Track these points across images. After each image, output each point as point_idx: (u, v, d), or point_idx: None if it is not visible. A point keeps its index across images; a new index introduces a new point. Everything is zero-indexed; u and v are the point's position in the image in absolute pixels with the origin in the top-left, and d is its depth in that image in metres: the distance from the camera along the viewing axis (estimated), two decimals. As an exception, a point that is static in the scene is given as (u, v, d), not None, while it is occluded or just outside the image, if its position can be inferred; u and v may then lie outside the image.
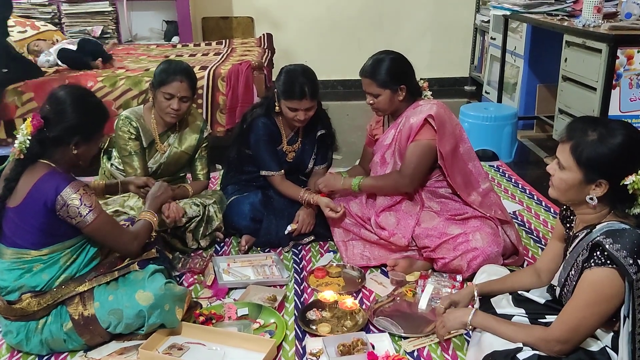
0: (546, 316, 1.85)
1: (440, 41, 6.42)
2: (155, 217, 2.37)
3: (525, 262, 2.72)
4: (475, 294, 2.09)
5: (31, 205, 2.00)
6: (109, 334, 2.11)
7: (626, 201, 1.70)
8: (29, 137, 2.00)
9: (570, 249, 1.82)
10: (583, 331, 1.68)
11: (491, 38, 5.52)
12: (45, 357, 2.12)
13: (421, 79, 2.86)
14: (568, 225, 1.91)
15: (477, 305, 2.08)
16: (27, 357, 2.12)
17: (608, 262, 1.61)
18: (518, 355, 1.69)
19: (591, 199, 1.71)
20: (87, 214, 2.03)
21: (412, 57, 2.83)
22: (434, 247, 2.61)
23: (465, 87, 6.52)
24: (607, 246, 1.61)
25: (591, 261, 1.65)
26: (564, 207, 1.94)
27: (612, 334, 1.71)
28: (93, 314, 2.06)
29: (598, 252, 1.64)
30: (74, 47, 4.40)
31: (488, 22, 5.67)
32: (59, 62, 4.34)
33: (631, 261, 1.57)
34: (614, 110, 3.49)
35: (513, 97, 4.99)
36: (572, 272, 1.75)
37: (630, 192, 1.66)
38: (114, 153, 2.97)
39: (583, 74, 3.68)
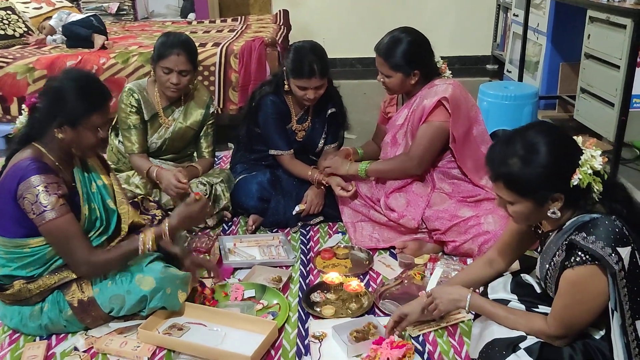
0: (539, 306, 1.78)
1: (463, 18, 6.27)
2: (164, 235, 2.04)
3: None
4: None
5: (2, 191, 1.92)
6: (110, 317, 2.07)
7: (585, 194, 1.61)
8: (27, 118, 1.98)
9: (544, 247, 1.75)
10: (577, 327, 1.63)
11: (514, 15, 5.36)
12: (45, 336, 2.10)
13: (441, 57, 2.75)
14: (533, 224, 1.83)
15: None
16: (26, 335, 2.11)
17: (588, 258, 1.53)
18: (520, 345, 1.63)
19: (553, 213, 1.63)
20: (40, 212, 1.86)
21: (434, 35, 2.72)
22: (445, 229, 2.54)
23: (487, 66, 6.37)
24: (581, 242, 1.53)
25: (571, 260, 1.57)
26: None
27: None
28: (92, 297, 2.01)
29: (576, 251, 1.56)
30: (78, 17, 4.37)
31: (511, -2, 5.50)
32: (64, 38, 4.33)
33: (610, 250, 1.50)
34: (637, 90, 3.36)
35: (535, 76, 4.84)
36: (550, 270, 1.68)
37: (584, 187, 1.57)
38: (121, 129, 2.94)
39: (606, 51, 3.53)
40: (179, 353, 1.98)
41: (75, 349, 2.02)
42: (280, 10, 5.39)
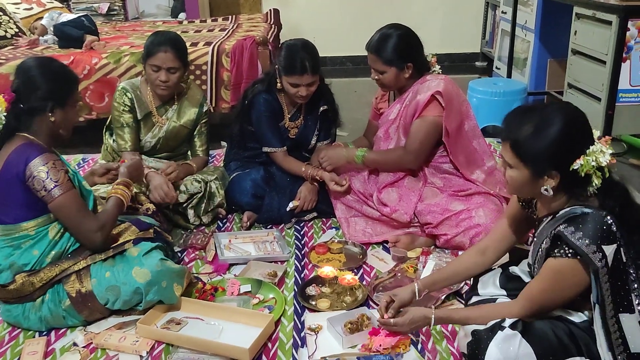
0: None
1: (451, 16, 6.32)
2: (130, 187, 2.27)
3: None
4: (416, 290, 1.98)
5: (6, 178, 1.98)
6: (107, 310, 2.11)
7: (582, 184, 1.64)
8: (5, 114, 2.01)
9: (537, 232, 1.80)
10: (545, 310, 1.71)
11: (502, 12, 5.42)
12: (45, 332, 2.12)
13: (430, 53, 2.81)
14: (529, 209, 1.88)
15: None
16: (26, 332, 2.13)
17: (572, 252, 1.58)
18: (503, 324, 1.69)
19: (546, 190, 1.66)
20: (52, 188, 1.96)
21: (422, 32, 2.77)
22: (436, 223, 2.59)
23: (477, 63, 6.42)
24: (568, 236, 1.58)
25: (555, 251, 1.62)
26: None
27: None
28: (90, 290, 2.05)
29: (561, 243, 1.61)
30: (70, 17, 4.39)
31: (499, -5, 5.56)
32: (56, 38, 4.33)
33: (595, 248, 1.55)
34: (624, 84, 3.43)
35: (523, 73, 4.90)
36: (539, 255, 1.74)
37: (583, 174, 1.61)
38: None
39: (593, 47, 3.60)
40: (177, 347, 2.01)
41: (75, 344, 2.05)
42: (270, 10, 5.42)
